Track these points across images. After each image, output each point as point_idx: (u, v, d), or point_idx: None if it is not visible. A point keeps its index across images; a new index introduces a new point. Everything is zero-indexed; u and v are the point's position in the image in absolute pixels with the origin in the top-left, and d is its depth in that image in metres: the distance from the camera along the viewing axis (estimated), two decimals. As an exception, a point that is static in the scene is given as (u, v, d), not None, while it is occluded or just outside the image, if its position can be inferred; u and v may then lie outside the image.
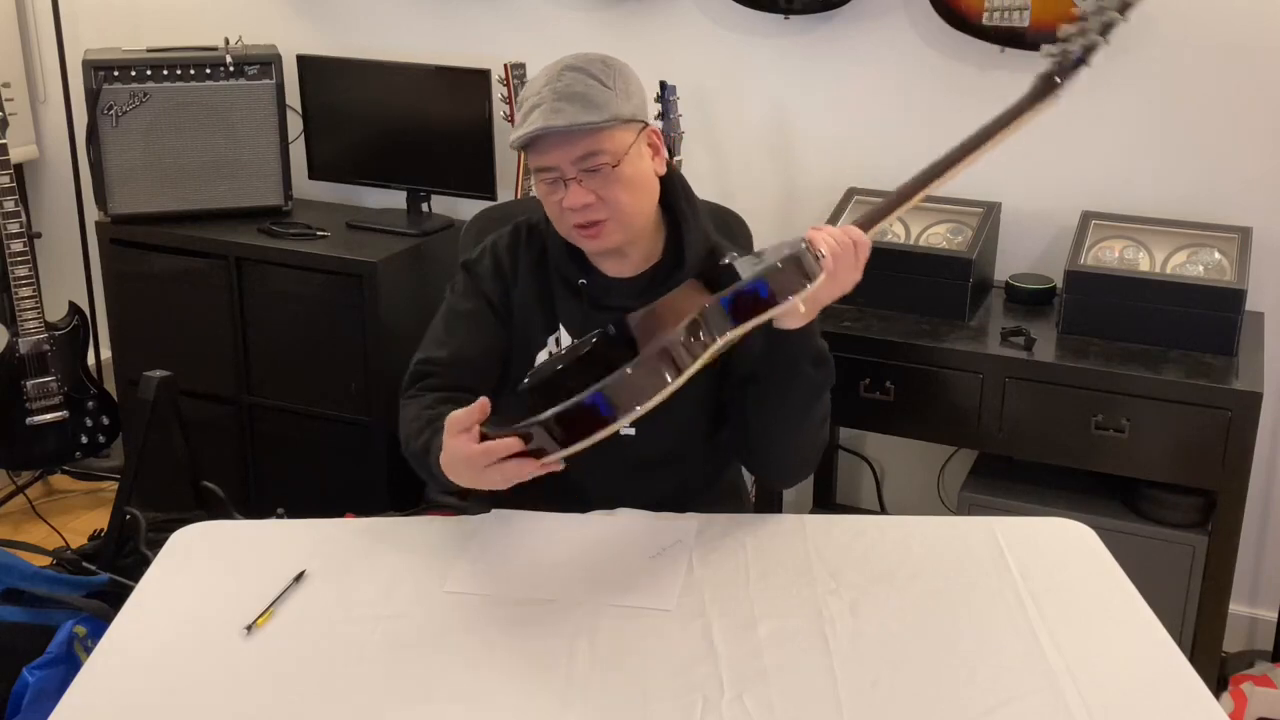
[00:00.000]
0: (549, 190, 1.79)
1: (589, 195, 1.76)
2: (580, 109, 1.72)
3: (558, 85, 1.74)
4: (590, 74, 1.75)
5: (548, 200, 1.81)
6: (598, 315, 1.85)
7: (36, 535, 3.34)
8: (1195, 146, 2.73)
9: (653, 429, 1.86)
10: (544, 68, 1.80)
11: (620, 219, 1.79)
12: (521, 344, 1.92)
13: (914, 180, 1.84)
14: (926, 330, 2.63)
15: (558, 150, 1.74)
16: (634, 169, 1.78)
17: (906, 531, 1.80)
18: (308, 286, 3.13)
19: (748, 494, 2.19)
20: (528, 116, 1.74)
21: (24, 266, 3.26)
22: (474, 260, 1.95)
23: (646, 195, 1.83)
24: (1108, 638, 1.53)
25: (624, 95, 1.77)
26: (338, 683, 1.45)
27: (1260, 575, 2.90)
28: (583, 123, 1.72)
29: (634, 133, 1.78)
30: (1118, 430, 2.44)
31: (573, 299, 1.89)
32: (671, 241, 1.89)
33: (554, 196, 1.78)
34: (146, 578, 1.68)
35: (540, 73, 1.79)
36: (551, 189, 1.78)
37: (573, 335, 1.87)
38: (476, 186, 3.22)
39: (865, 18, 2.92)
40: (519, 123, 1.76)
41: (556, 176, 1.76)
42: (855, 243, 1.72)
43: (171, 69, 3.21)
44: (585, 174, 1.75)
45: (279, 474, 3.32)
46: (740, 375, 1.84)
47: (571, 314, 1.89)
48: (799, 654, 1.50)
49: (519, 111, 1.78)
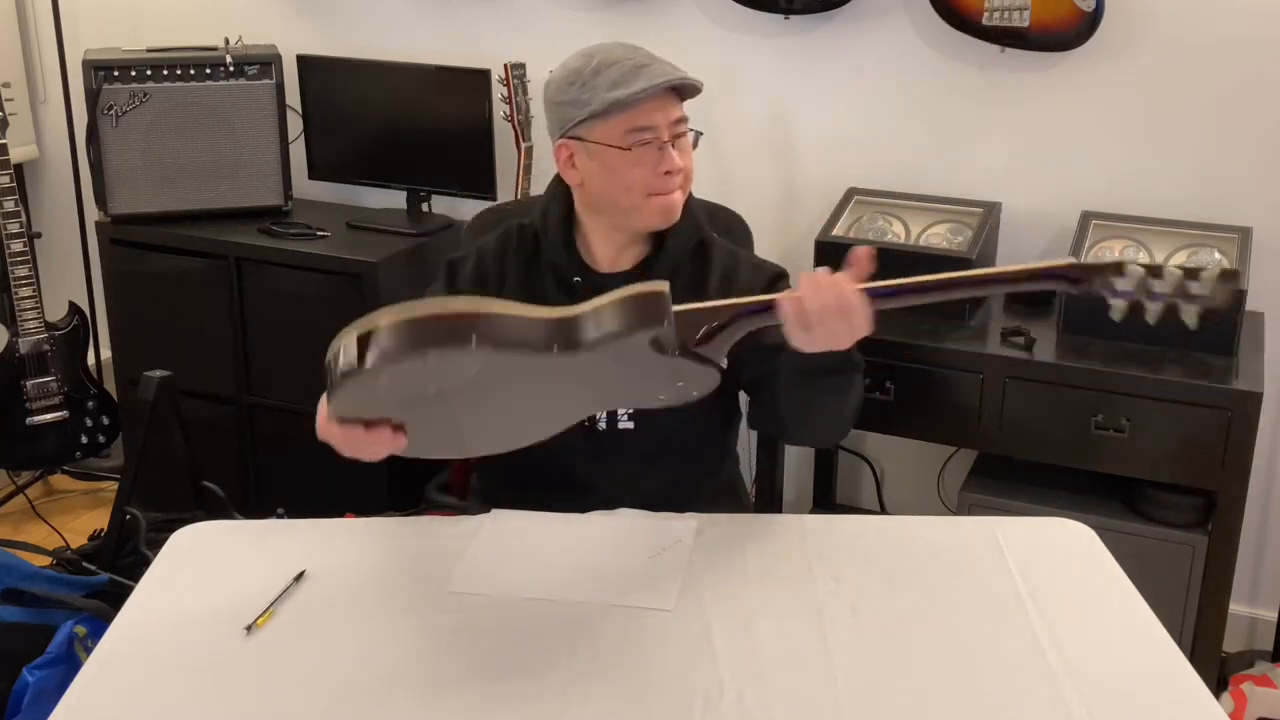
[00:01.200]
0: (644, 153, 1.82)
1: (684, 158, 1.85)
2: (681, 67, 1.83)
3: (642, 55, 1.83)
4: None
5: (640, 165, 1.82)
6: None
7: (36, 535, 3.34)
8: (1195, 146, 2.73)
9: (652, 421, 1.86)
10: (595, 48, 1.85)
11: (687, 187, 1.89)
12: None
13: (928, 282, 1.59)
14: (926, 330, 2.63)
15: (660, 111, 1.82)
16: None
17: (906, 531, 1.80)
18: (308, 286, 3.13)
19: (747, 494, 2.19)
20: (637, 73, 1.79)
21: (24, 266, 3.26)
22: (458, 260, 1.97)
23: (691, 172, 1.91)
24: (1108, 638, 1.53)
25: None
26: (338, 683, 1.45)
27: (1260, 575, 2.90)
28: (695, 80, 1.83)
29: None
30: (1118, 430, 2.44)
31: (566, 297, 1.86)
32: (660, 234, 1.92)
33: (649, 159, 1.82)
34: (146, 578, 1.68)
35: (599, 51, 1.84)
36: (646, 153, 1.82)
37: None
38: (476, 186, 3.22)
39: (865, 18, 2.92)
40: (615, 78, 1.79)
41: (654, 138, 1.81)
42: (839, 302, 1.53)
43: (171, 69, 3.21)
44: (676, 139, 1.84)
45: (279, 474, 3.31)
46: (756, 364, 1.82)
47: None
48: (799, 654, 1.50)
49: (595, 76, 1.81)
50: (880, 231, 2.82)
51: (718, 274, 1.93)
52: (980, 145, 2.90)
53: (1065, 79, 2.78)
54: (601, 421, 1.90)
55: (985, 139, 2.90)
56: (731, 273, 1.95)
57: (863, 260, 1.54)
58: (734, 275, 1.94)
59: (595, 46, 1.86)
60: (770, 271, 1.97)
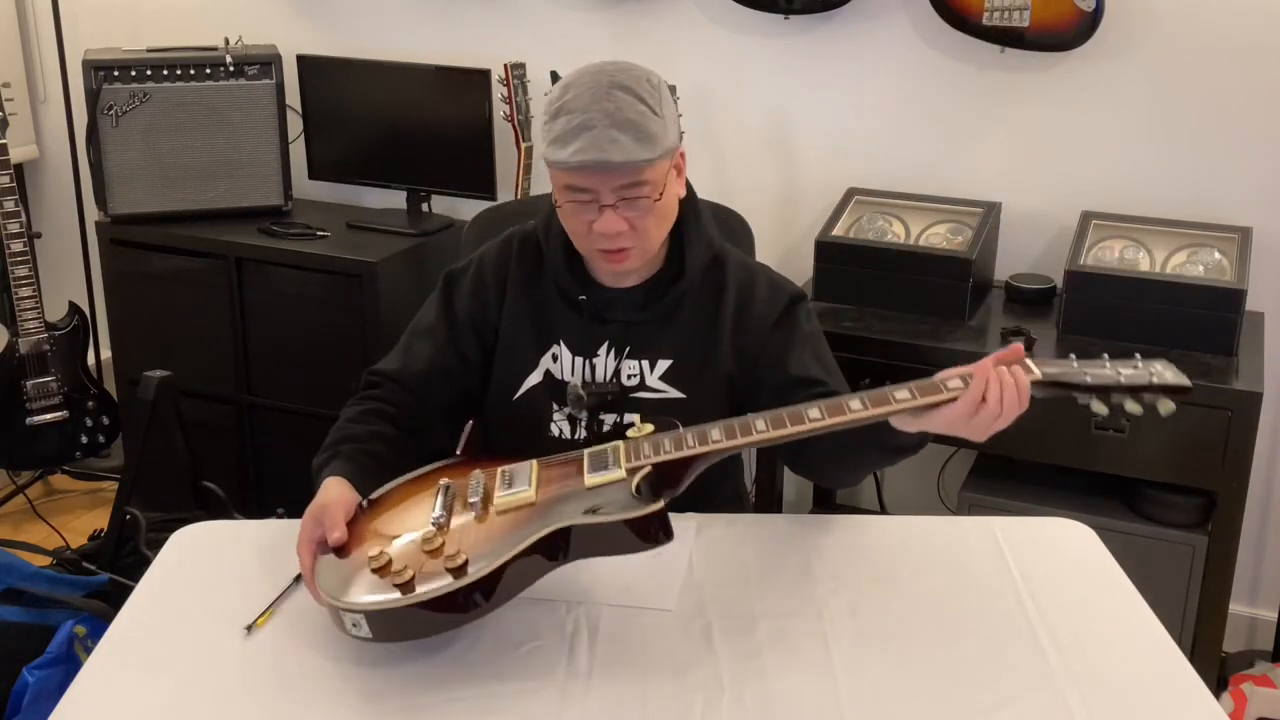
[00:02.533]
0: (578, 210, 1.72)
1: (622, 223, 1.70)
2: (634, 141, 1.65)
3: (608, 107, 1.65)
4: (640, 97, 1.67)
5: (575, 219, 1.74)
6: (599, 329, 1.84)
7: (36, 535, 3.34)
8: (1195, 146, 2.73)
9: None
10: (581, 73, 1.71)
11: (646, 246, 1.76)
12: (507, 360, 1.88)
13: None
14: (926, 330, 2.63)
15: (601, 176, 1.67)
16: (667, 196, 1.74)
17: (906, 531, 1.80)
18: (308, 286, 3.13)
19: (748, 495, 2.19)
20: (575, 136, 1.65)
21: (24, 266, 3.26)
22: (458, 272, 1.92)
23: (670, 220, 1.79)
24: (1108, 638, 1.53)
25: (670, 121, 1.71)
26: (338, 683, 1.45)
27: (1260, 575, 2.90)
28: (640, 160, 1.65)
29: (670, 159, 1.73)
30: (1118, 430, 2.44)
31: (571, 312, 1.86)
32: (674, 250, 1.85)
33: (584, 217, 1.72)
34: (146, 578, 1.68)
35: (579, 78, 1.70)
36: (582, 209, 1.71)
37: (573, 350, 1.85)
38: (476, 186, 3.22)
39: (865, 18, 2.92)
40: (558, 133, 1.67)
41: (591, 200, 1.70)
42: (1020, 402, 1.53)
43: (171, 69, 3.21)
44: (623, 202, 1.69)
45: (279, 474, 3.32)
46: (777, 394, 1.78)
47: (571, 328, 1.86)
48: (799, 654, 1.50)
49: (553, 119, 1.69)
50: (880, 231, 2.82)
51: (733, 291, 1.86)
52: (980, 145, 2.90)
53: (1065, 79, 2.79)
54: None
55: (985, 139, 2.90)
56: (748, 291, 1.86)
57: (1020, 350, 1.55)
58: (750, 294, 1.86)
59: (579, 74, 1.72)
60: (789, 293, 1.88)
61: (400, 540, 1.53)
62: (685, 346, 1.84)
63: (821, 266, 2.77)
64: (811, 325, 1.88)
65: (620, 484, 1.52)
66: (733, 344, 1.84)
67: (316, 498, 1.65)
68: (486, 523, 1.52)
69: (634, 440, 1.60)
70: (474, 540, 1.48)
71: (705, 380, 1.84)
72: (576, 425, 1.85)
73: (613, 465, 1.55)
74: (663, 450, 1.55)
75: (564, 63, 3.06)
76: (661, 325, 1.84)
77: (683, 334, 1.84)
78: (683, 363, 1.84)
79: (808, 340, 1.85)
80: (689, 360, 1.84)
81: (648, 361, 1.84)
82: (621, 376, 1.84)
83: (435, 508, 1.58)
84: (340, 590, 1.46)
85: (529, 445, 1.86)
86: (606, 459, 1.57)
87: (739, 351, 1.84)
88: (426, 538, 1.50)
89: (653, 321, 1.84)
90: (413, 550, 1.49)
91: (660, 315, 1.84)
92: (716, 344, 1.84)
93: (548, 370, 1.86)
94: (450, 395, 1.90)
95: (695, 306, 1.85)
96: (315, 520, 1.60)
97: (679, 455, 1.55)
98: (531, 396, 1.86)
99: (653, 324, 1.84)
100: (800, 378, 1.80)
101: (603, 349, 1.84)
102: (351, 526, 1.59)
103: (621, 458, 1.56)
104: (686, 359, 1.84)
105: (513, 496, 1.54)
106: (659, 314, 1.84)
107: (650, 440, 1.58)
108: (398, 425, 1.82)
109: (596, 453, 1.59)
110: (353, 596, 1.44)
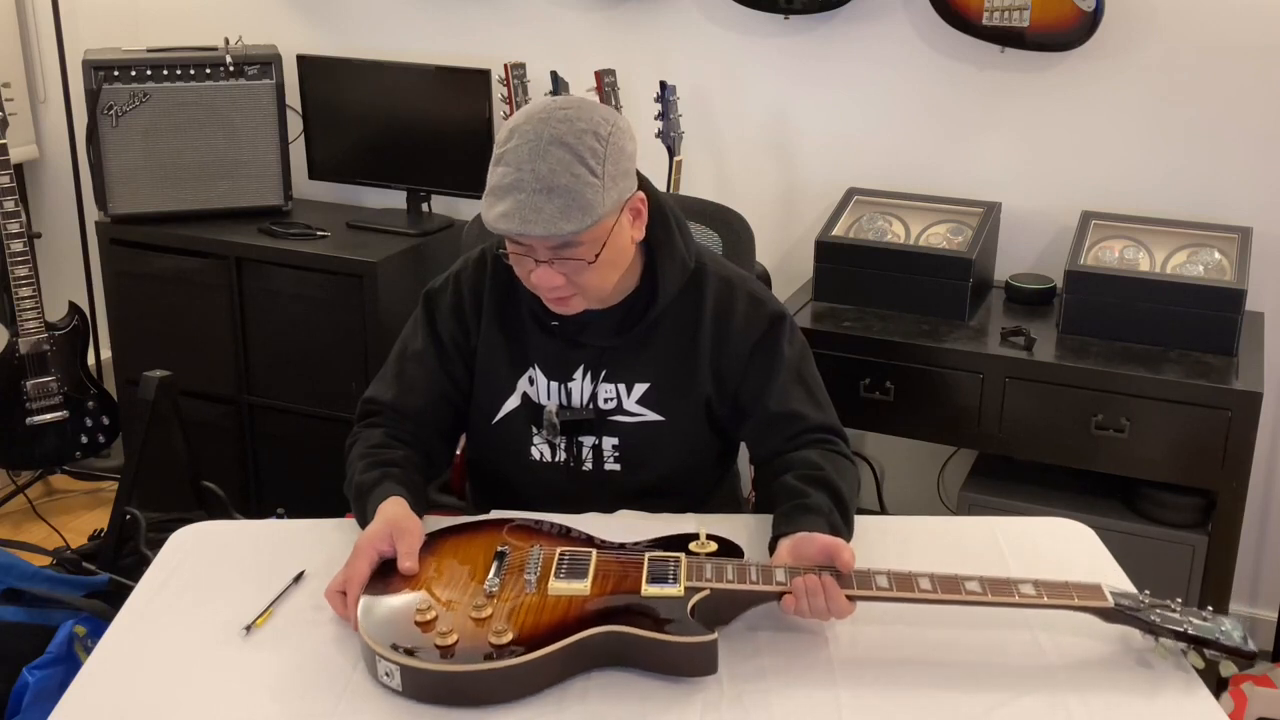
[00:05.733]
0: (517, 259, 1.68)
1: (559, 278, 1.65)
2: (560, 212, 1.57)
3: (541, 169, 1.57)
4: (579, 156, 1.58)
5: (517, 266, 1.69)
6: (574, 353, 1.81)
7: (36, 535, 3.34)
8: (1195, 146, 2.73)
9: (638, 467, 1.84)
10: (531, 115, 1.62)
11: (590, 295, 1.71)
12: (486, 382, 1.86)
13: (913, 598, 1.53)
14: (926, 330, 2.63)
15: (532, 237, 1.61)
16: (612, 250, 1.66)
17: (906, 531, 1.80)
18: (308, 286, 3.13)
19: (745, 503, 2.17)
20: (504, 195, 1.59)
21: (24, 266, 3.26)
22: (436, 292, 1.89)
23: (620, 266, 1.72)
24: (1108, 637, 1.53)
25: (612, 181, 1.61)
26: (337, 683, 1.45)
27: (1260, 575, 2.90)
28: (565, 233, 1.58)
29: (616, 215, 1.65)
30: (1118, 430, 2.44)
31: (545, 336, 1.82)
32: (648, 270, 1.78)
33: (524, 266, 1.68)
34: (146, 578, 1.68)
35: (525, 123, 1.61)
36: (520, 260, 1.67)
37: (548, 375, 1.82)
38: (476, 186, 3.14)
39: (865, 18, 2.92)
40: (492, 185, 1.61)
41: (526, 254, 1.65)
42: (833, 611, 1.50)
43: (171, 69, 3.21)
44: (559, 260, 1.64)
45: (279, 474, 3.32)
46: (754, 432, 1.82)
47: (545, 351, 1.82)
48: (799, 654, 1.50)
49: (494, 165, 1.63)
50: (880, 231, 2.82)
51: (711, 308, 1.81)
52: (980, 145, 2.91)
53: (1065, 79, 2.79)
54: (587, 463, 1.85)
55: (985, 139, 2.90)
56: (727, 308, 1.81)
57: (849, 565, 1.51)
58: (730, 310, 1.81)
59: (528, 116, 1.62)
60: (769, 312, 1.82)
61: (448, 595, 1.51)
62: (662, 369, 1.81)
63: (821, 266, 2.77)
64: (794, 347, 1.83)
65: (676, 602, 1.49)
66: (712, 366, 1.81)
67: (385, 511, 1.63)
68: (538, 606, 1.49)
69: (696, 557, 1.56)
70: (522, 621, 1.46)
71: (684, 403, 1.82)
72: (556, 449, 1.84)
73: (672, 580, 1.51)
74: (725, 578, 1.51)
75: (564, 63, 3.08)
76: (637, 349, 1.81)
77: (660, 356, 1.81)
78: (660, 386, 1.81)
79: (789, 366, 1.81)
80: (667, 383, 1.81)
81: (624, 385, 1.81)
82: (598, 400, 1.82)
83: (490, 572, 1.55)
84: (380, 633, 1.45)
85: (512, 467, 1.87)
86: (667, 571, 1.53)
87: (718, 375, 1.82)
88: (477, 605, 1.48)
89: (628, 345, 1.80)
90: (461, 615, 1.47)
91: (636, 339, 1.80)
92: (694, 366, 1.81)
93: (525, 394, 1.84)
94: (449, 419, 1.89)
95: (672, 327, 1.81)
96: (384, 535, 1.58)
97: (739, 587, 1.51)
98: (510, 420, 1.85)
99: (628, 348, 1.81)
100: (780, 413, 1.79)
101: (578, 372, 1.81)
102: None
103: (682, 574, 1.52)
104: (664, 382, 1.81)
105: (568, 586, 1.51)
106: (634, 338, 1.80)
107: (713, 563, 1.54)
108: (415, 452, 1.82)
109: (658, 560, 1.56)
110: (392, 641, 1.43)
